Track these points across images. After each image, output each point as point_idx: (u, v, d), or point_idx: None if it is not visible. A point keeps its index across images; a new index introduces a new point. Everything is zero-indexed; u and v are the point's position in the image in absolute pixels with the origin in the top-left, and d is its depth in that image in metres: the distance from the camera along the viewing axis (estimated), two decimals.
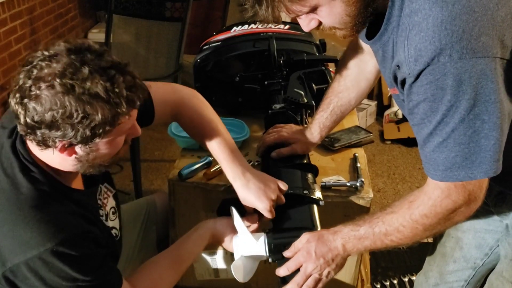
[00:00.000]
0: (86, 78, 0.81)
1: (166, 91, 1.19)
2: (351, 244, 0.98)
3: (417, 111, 0.82)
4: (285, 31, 1.64)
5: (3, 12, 2.53)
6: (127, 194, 2.45)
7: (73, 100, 0.80)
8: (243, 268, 1.07)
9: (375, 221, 0.95)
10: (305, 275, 1.01)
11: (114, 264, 1.02)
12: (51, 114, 0.80)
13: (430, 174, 0.87)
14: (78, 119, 0.81)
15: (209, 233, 1.15)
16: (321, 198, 1.14)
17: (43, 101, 0.80)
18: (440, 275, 1.23)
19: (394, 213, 0.93)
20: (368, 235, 0.95)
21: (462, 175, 0.81)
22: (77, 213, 0.93)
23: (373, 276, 1.97)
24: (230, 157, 1.13)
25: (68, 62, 0.82)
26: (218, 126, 1.18)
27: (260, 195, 1.09)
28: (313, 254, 0.99)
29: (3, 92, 2.57)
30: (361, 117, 3.08)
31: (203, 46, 1.66)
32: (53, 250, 0.85)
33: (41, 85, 0.80)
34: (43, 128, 0.82)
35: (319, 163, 1.32)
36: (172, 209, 1.35)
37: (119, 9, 2.58)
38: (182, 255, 1.13)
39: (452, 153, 0.80)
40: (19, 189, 0.88)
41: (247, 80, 1.57)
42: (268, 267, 1.12)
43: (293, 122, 1.36)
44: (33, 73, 0.82)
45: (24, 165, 0.90)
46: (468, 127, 0.77)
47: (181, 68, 2.46)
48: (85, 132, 0.83)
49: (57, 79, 0.80)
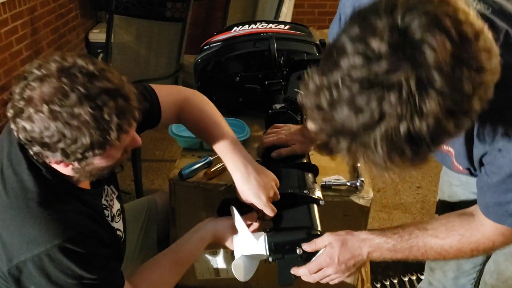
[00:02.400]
0: (74, 105, 0.80)
1: (170, 92, 1.20)
2: (378, 253, 0.98)
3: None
4: (285, 31, 1.64)
5: (4, 12, 2.53)
6: (128, 194, 2.45)
7: (61, 126, 0.81)
8: (244, 267, 1.08)
9: (413, 239, 0.95)
10: (324, 276, 1.02)
11: (118, 265, 1.02)
12: (41, 137, 0.82)
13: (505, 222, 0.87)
14: (66, 143, 0.82)
15: (209, 234, 1.15)
16: (321, 197, 1.14)
17: (33, 124, 0.82)
18: (458, 266, 1.24)
19: (438, 239, 0.93)
20: (403, 250, 0.95)
21: None
22: (84, 212, 0.94)
23: (373, 276, 1.97)
24: (231, 149, 1.13)
25: (57, 85, 0.81)
26: (219, 121, 1.18)
27: (258, 190, 1.08)
28: (335, 260, 0.99)
29: (4, 92, 2.57)
30: None
31: (203, 46, 1.66)
32: (60, 247, 0.86)
33: (31, 109, 0.81)
34: (35, 146, 0.85)
35: (319, 163, 1.32)
36: (173, 208, 1.36)
37: (120, 9, 2.59)
38: (183, 256, 1.13)
39: None
40: (27, 187, 0.89)
41: (248, 80, 1.58)
42: (269, 267, 1.13)
43: (293, 122, 1.37)
44: (25, 92, 0.82)
45: (33, 163, 0.91)
46: None
47: (182, 68, 2.46)
48: (75, 154, 0.84)
49: (44, 105, 0.80)
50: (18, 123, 0.83)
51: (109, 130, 0.83)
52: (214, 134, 1.15)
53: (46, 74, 0.82)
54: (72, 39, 3.31)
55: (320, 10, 4.12)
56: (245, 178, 1.10)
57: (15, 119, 0.84)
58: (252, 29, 1.64)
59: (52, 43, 3.05)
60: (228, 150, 1.13)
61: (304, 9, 4.06)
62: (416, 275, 2.00)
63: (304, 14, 4.07)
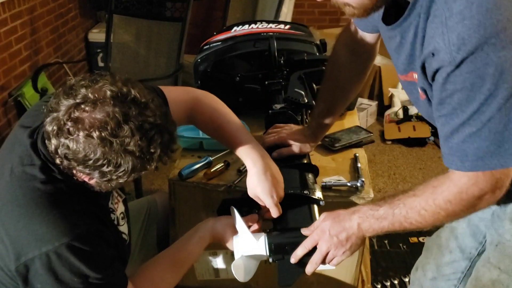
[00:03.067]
0: (125, 136, 0.82)
1: (178, 93, 1.19)
2: (367, 223, 0.97)
3: (449, 101, 0.81)
4: (285, 31, 1.64)
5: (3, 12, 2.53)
6: (128, 194, 2.44)
7: (108, 153, 0.82)
8: (243, 267, 1.07)
9: (396, 203, 0.94)
10: (321, 254, 1.01)
11: (122, 266, 1.03)
12: (83, 157, 0.83)
13: (455, 165, 0.86)
14: (108, 168, 0.84)
15: (209, 234, 1.15)
16: (321, 198, 1.14)
17: (79, 145, 0.83)
18: (437, 267, 1.22)
19: (416, 196, 0.92)
20: (387, 216, 0.95)
21: (494, 164, 0.81)
22: (92, 212, 0.94)
23: (374, 276, 1.97)
24: (248, 145, 1.11)
25: (111, 114, 0.82)
26: (233, 118, 1.18)
27: (272, 188, 1.07)
28: (327, 233, 0.99)
29: (4, 92, 2.57)
30: (361, 117, 3.08)
31: (203, 46, 1.66)
32: (68, 245, 0.86)
33: (80, 132, 0.82)
34: (72, 162, 0.85)
35: (319, 163, 1.32)
36: (173, 208, 1.35)
37: (120, 9, 2.58)
38: (183, 255, 1.13)
39: (486, 142, 0.80)
40: (36, 186, 0.89)
41: (248, 80, 1.57)
42: (269, 267, 1.12)
43: (293, 122, 1.36)
44: (74, 113, 0.83)
45: (44, 163, 0.91)
46: (504, 115, 0.78)
47: (182, 68, 2.45)
48: (111, 177, 0.86)
49: (96, 131, 0.81)
50: (61, 140, 0.84)
51: (151, 161, 0.87)
52: (230, 131, 1.14)
53: (99, 99, 0.83)
54: (71, 39, 3.30)
55: (320, 10, 4.12)
56: (262, 174, 1.07)
57: (58, 136, 0.84)
58: (252, 29, 1.64)
59: (52, 43, 3.05)
60: (245, 145, 1.11)
61: (304, 8, 4.06)
62: None
63: (304, 14, 4.06)
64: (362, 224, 0.98)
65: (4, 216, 0.90)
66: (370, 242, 2.13)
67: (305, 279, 1.34)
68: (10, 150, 0.97)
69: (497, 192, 0.85)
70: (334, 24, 4.14)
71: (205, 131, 1.24)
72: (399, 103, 3.10)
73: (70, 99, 0.83)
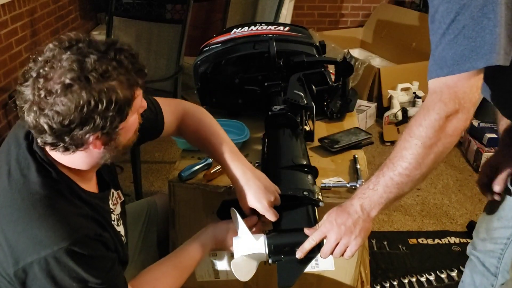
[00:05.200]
0: (94, 67, 0.82)
1: (171, 105, 1.22)
2: (367, 200, 0.99)
3: (436, 17, 0.88)
4: (285, 33, 1.64)
5: (4, 14, 2.53)
6: (128, 196, 2.45)
7: (93, 90, 0.82)
8: (243, 266, 1.08)
9: (383, 164, 0.97)
10: (330, 245, 1.02)
11: (121, 270, 1.03)
12: (79, 111, 0.82)
13: (435, 73, 0.90)
14: (104, 105, 0.83)
15: (209, 238, 1.16)
16: (321, 199, 1.14)
17: (65, 104, 0.81)
18: (487, 231, 1.26)
19: (397, 143, 0.96)
20: (379, 179, 0.97)
21: (467, 67, 0.86)
22: (90, 216, 0.94)
23: (373, 278, 1.97)
24: (230, 157, 1.15)
25: (69, 58, 0.82)
26: (218, 131, 1.21)
27: (259, 195, 1.09)
28: (334, 223, 1.01)
29: (4, 94, 2.57)
30: (361, 118, 3.08)
31: (203, 48, 1.66)
32: (67, 250, 0.86)
33: (55, 90, 0.81)
34: (75, 129, 0.84)
35: (319, 165, 1.33)
36: (172, 210, 1.36)
37: (120, 11, 2.59)
38: (185, 261, 1.13)
39: (461, 47, 0.86)
40: (34, 189, 0.89)
41: (247, 81, 1.58)
42: (268, 268, 1.13)
43: (292, 123, 1.37)
44: (39, 83, 0.82)
45: (41, 165, 0.91)
46: (477, 23, 0.84)
47: (182, 70, 2.46)
48: (113, 116, 0.85)
49: (67, 79, 0.81)
50: (48, 114, 0.82)
51: (131, 76, 0.87)
52: (214, 143, 1.17)
53: (50, 56, 0.83)
54: None
55: (319, 12, 4.13)
56: (245, 184, 1.11)
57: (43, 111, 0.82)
58: (251, 31, 1.65)
59: None
60: (228, 158, 1.15)
61: (304, 11, 4.07)
62: (416, 277, 2.00)
63: (303, 16, 4.07)
64: (363, 203, 0.99)
65: (3, 219, 0.89)
66: (369, 243, 2.13)
67: (305, 280, 1.35)
68: (7, 151, 0.96)
69: (460, 113, 0.89)
70: (333, 26, 4.15)
71: (192, 142, 1.27)
72: (398, 105, 3.10)
73: (28, 81, 0.83)
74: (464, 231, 2.29)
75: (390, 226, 2.33)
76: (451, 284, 1.96)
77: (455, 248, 2.17)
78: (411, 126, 0.94)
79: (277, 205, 1.12)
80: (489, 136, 2.73)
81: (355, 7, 4.11)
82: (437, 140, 0.91)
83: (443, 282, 1.98)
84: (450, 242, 2.21)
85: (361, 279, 1.43)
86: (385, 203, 0.98)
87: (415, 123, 0.93)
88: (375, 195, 0.98)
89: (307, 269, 1.10)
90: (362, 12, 4.12)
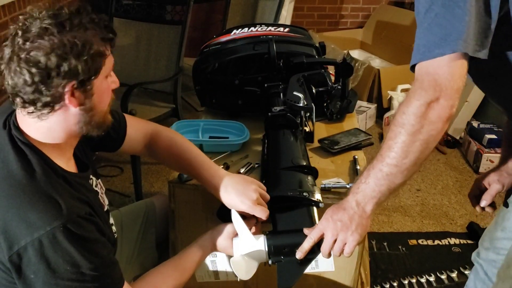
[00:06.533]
0: (69, 16, 0.88)
1: (137, 121, 1.25)
2: (361, 194, 0.99)
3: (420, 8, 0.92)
4: (285, 34, 1.64)
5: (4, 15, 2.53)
6: (128, 197, 2.45)
7: (68, 35, 0.87)
8: (243, 265, 1.08)
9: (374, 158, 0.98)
10: (328, 242, 1.02)
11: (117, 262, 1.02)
12: (55, 54, 0.86)
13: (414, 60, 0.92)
14: (79, 48, 0.87)
15: (209, 242, 1.16)
16: (320, 200, 1.15)
17: (42, 46, 0.85)
18: (491, 240, 1.27)
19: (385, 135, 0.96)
20: (369, 172, 0.97)
21: (436, 52, 0.89)
22: (77, 197, 0.95)
23: (373, 279, 1.97)
24: (204, 169, 1.16)
25: (46, 14, 0.88)
26: (190, 146, 1.22)
27: (240, 197, 1.09)
28: (330, 220, 1.01)
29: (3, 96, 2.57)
30: (360, 119, 3.09)
31: (203, 49, 1.67)
32: (60, 228, 0.86)
33: (32, 35, 0.86)
34: (51, 74, 0.86)
35: (318, 166, 1.33)
36: (172, 211, 1.36)
37: (120, 12, 2.59)
38: (185, 264, 1.14)
39: (433, 34, 0.89)
40: (20, 174, 0.89)
41: (247, 82, 1.58)
42: (268, 269, 1.13)
43: (292, 124, 1.37)
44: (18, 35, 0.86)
45: (21, 150, 0.92)
46: (448, 11, 0.88)
47: (182, 71, 2.46)
48: (87, 61, 0.88)
49: (44, 24, 0.86)
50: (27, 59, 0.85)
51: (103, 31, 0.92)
52: (186, 158, 1.19)
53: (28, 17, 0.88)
54: None
55: (319, 13, 4.13)
56: (224, 191, 1.12)
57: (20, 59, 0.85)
58: (251, 32, 1.65)
59: None
60: (202, 170, 1.16)
61: (304, 12, 4.07)
62: (415, 278, 2.00)
63: (303, 17, 4.08)
64: (358, 198, 1.00)
65: None
66: (369, 244, 2.13)
67: (305, 281, 1.35)
68: None
69: (441, 100, 0.90)
70: (333, 27, 4.15)
71: (165, 161, 1.27)
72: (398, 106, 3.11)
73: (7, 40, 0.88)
74: (464, 232, 2.29)
75: (390, 227, 2.33)
76: (451, 285, 1.97)
77: (455, 249, 2.17)
78: (395, 116, 0.95)
79: (266, 201, 1.12)
80: (489, 137, 2.73)
81: (355, 8, 4.11)
82: (420, 127, 0.91)
83: (443, 283, 1.98)
84: (450, 243, 2.21)
85: (361, 280, 1.43)
86: (378, 196, 0.99)
87: (398, 112, 0.94)
88: (368, 188, 0.98)
89: (307, 270, 1.10)
90: (362, 13, 4.12)
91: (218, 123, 1.55)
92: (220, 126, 1.55)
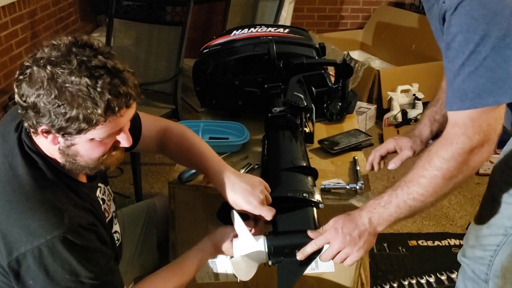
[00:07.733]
0: (72, 71, 0.83)
1: (150, 119, 1.24)
2: (376, 215, 0.99)
3: (453, 45, 0.86)
4: (285, 35, 1.64)
5: (4, 16, 2.54)
6: (128, 198, 2.45)
7: (56, 88, 0.83)
8: (243, 266, 1.07)
9: (397, 184, 0.96)
10: (331, 252, 1.02)
11: (117, 268, 1.02)
12: (36, 96, 0.84)
13: (456, 106, 0.88)
14: (55, 106, 0.83)
15: (209, 244, 1.16)
16: (320, 201, 1.14)
17: (33, 82, 0.84)
18: (477, 238, 1.27)
19: (415, 168, 0.94)
20: (391, 199, 0.97)
21: (490, 101, 0.84)
22: (81, 205, 0.94)
23: (373, 280, 1.97)
24: (213, 165, 1.16)
25: (65, 52, 0.85)
26: (200, 142, 1.22)
27: (247, 196, 1.09)
28: (340, 232, 1.01)
29: (4, 96, 2.57)
30: (360, 120, 3.08)
31: (203, 50, 1.67)
32: (60, 238, 0.86)
33: (34, 67, 0.84)
34: (29, 111, 0.86)
35: (318, 166, 1.33)
36: (172, 212, 1.36)
37: (120, 13, 2.59)
38: (184, 267, 1.14)
39: (483, 80, 0.84)
40: (24, 180, 0.89)
41: (247, 83, 1.58)
42: (268, 270, 1.13)
43: (292, 125, 1.37)
44: (36, 55, 0.87)
45: (29, 155, 0.92)
46: (498, 55, 0.82)
47: (182, 72, 2.46)
48: (60, 122, 0.85)
49: (48, 66, 0.84)
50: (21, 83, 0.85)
51: (97, 105, 0.84)
52: (196, 153, 1.18)
53: (58, 43, 0.87)
54: None
55: (319, 14, 4.14)
56: (231, 189, 1.11)
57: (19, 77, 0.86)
58: (251, 33, 1.65)
59: None
60: (210, 166, 1.16)
61: (304, 13, 4.08)
62: (416, 279, 2.00)
63: (303, 18, 4.08)
64: (372, 217, 0.99)
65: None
66: None
67: (305, 282, 1.35)
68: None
69: (485, 146, 0.88)
70: (333, 28, 4.16)
71: (175, 156, 1.27)
72: (398, 107, 3.11)
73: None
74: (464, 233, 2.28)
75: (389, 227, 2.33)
76: (451, 286, 1.96)
77: (455, 250, 2.17)
78: (432, 156, 0.92)
79: (268, 203, 1.12)
80: None
81: (355, 9, 4.11)
82: (458, 173, 0.91)
83: (443, 284, 1.98)
84: (450, 244, 2.21)
85: (361, 281, 1.43)
86: (393, 221, 0.99)
87: (436, 154, 0.92)
88: (385, 212, 0.98)
89: (307, 271, 1.10)
90: (362, 14, 4.13)
91: (218, 124, 1.56)
92: (220, 127, 1.55)
